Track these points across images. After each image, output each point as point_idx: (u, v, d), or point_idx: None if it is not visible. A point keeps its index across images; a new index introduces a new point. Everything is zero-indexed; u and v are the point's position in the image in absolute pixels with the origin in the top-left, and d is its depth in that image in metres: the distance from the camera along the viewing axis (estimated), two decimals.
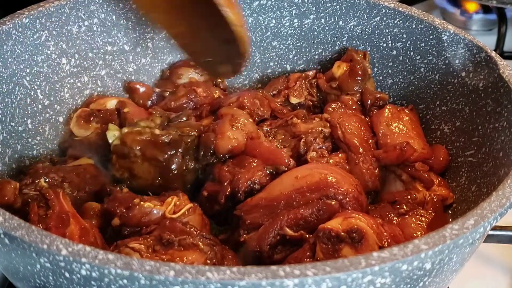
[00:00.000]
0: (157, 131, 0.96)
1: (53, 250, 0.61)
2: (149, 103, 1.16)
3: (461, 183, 0.98)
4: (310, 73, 1.17)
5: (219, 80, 1.20)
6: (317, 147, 0.99)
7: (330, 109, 1.07)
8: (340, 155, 1.00)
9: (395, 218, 0.92)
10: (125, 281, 0.60)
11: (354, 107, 1.08)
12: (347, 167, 0.99)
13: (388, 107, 1.06)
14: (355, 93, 1.10)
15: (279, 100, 1.13)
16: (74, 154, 1.02)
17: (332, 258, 0.76)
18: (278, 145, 1.00)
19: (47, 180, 0.91)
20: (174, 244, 0.79)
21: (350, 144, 1.01)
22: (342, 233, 0.77)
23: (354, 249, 0.76)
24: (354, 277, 0.60)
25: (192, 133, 0.96)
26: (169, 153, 0.94)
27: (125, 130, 0.97)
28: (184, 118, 1.01)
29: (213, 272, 0.58)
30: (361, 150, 1.00)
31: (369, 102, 1.09)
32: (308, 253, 0.80)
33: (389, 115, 1.05)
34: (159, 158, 0.94)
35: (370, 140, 1.02)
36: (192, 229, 0.82)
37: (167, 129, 0.97)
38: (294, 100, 1.13)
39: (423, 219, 0.92)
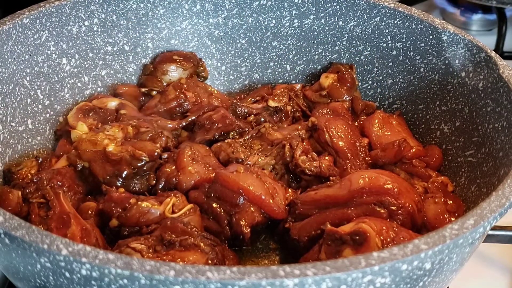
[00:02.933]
0: (110, 148, 0.94)
1: (54, 250, 0.61)
2: (139, 103, 1.15)
3: (461, 183, 0.98)
4: (297, 86, 1.18)
5: (201, 68, 1.20)
6: (301, 149, 0.98)
7: (317, 113, 1.08)
8: (327, 157, 1.00)
9: None
10: (125, 281, 0.60)
11: (343, 112, 1.09)
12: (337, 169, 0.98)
13: (378, 111, 1.10)
14: (345, 101, 1.12)
15: (260, 106, 1.13)
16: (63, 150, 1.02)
17: (333, 259, 0.76)
18: (261, 159, 0.98)
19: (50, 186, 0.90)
20: (175, 244, 0.79)
21: (337, 149, 1.01)
22: (346, 235, 0.77)
23: (354, 251, 0.76)
24: (354, 276, 0.60)
25: (143, 158, 0.94)
26: (112, 174, 0.94)
27: (83, 136, 0.98)
28: (148, 137, 0.99)
29: (213, 271, 0.58)
30: (348, 155, 1.00)
31: (360, 107, 1.11)
32: (317, 255, 0.80)
33: (381, 119, 1.08)
34: (98, 177, 0.94)
35: (358, 144, 1.02)
36: (193, 230, 0.83)
37: (125, 144, 0.96)
38: (272, 103, 1.12)
39: (436, 199, 0.92)
